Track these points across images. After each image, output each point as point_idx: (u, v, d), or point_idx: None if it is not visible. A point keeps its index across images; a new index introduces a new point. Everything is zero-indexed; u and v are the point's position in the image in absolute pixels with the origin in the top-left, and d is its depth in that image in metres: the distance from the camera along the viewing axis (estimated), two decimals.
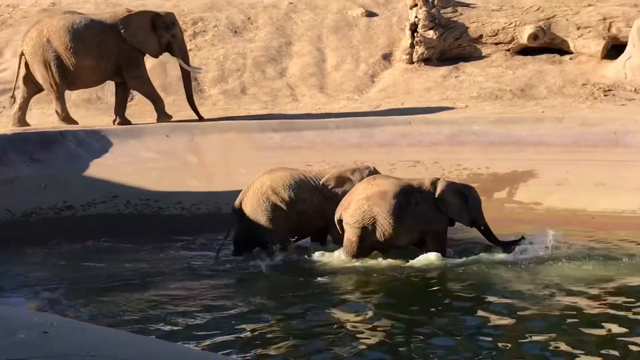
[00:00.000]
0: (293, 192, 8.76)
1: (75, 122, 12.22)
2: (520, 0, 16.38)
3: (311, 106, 13.92)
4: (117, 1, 16.56)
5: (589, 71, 14.60)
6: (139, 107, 13.24)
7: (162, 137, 11.66)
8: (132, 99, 13.80)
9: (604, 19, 14.98)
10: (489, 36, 15.52)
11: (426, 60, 15.39)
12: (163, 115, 12.45)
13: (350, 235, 8.35)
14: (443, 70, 15.11)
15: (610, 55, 14.79)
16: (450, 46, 15.57)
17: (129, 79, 12.38)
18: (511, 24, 15.39)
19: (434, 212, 8.47)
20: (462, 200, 8.55)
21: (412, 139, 11.76)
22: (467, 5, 15.99)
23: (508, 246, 8.53)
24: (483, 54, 15.54)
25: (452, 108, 13.20)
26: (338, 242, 8.74)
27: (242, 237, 8.93)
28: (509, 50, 15.47)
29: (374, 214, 8.27)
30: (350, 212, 8.34)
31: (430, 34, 15.35)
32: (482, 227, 8.69)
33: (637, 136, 11.17)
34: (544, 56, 15.29)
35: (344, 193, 8.68)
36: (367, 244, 8.41)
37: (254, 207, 8.82)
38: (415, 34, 15.36)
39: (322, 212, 8.83)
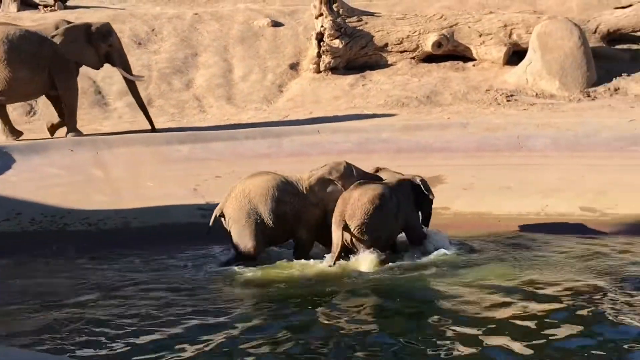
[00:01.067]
0: (276, 195, 8.61)
1: (20, 133, 12.23)
2: (424, 9, 16.67)
3: (219, 117, 13.82)
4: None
5: (492, 77, 14.92)
6: (42, 122, 12.94)
7: (67, 152, 11.39)
8: (34, 114, 13.50)
9: (505, 26, 15.34)
10: (394, 44, 15.71)
11: (333, 69, 15.50)
12: (74, 132, 12.26)
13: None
14: (350, 78, 15.23)
15: (512, 61, 15.16)
16: (356, 55, 15.71)
17: (62, 89, 12.21)
18: (415, 32, 15.61)
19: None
20: None
21: (321, 148, 11.78)
22: (372, 14, 16.16)
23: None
24: (389, 62, 15.72)
25: (363, 115, 13.30)
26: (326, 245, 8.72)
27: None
28: (414, 58, 15.70)
29: None
30: None
31: (337, 43, 15.45)
32: None
33: (539, 140, 11.44)
34: (448, 63, 15.57)
35: (331, 196, 8.65)
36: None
37: (235, 211, 8.64)
38: (321, 44, 15.44)
39: (300, 215, 8.72)
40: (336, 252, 8.35)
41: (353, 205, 8.32)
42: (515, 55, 15.19)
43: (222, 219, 8.73)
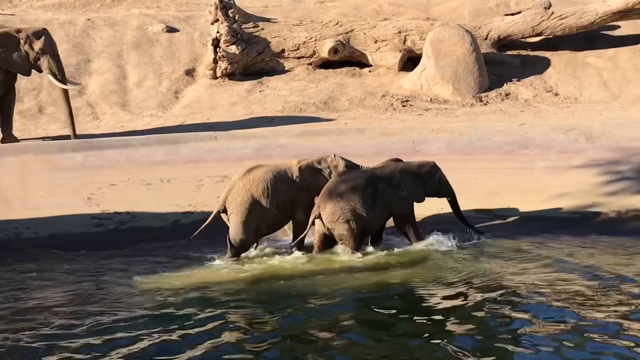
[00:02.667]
0: (275, 186, 9.00)
1: None
2: (320, 15, 16.75)
3: (113, 124, 13.55)
4: None
5: (388, 83, 15.10)
6: None
7: None
8: None
9: (399, 32, 15.55)
10: (291, 50, 15.73)
11: (230, 75, 15.40)
12: (10, 138, 12.19)
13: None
14: (247, 84, 15.16)
15: (407, 67, 15.38)
16: (253, 61, 15.66)
17: (11, 93, 12.37)
18: (312, 38, 15.67)
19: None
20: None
21: (218, 154, 11.68)
22: (269, 20, 16.14)
23: None
24: (286, 68, 15.74)
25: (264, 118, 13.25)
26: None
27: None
28: (311, 64, 15.75)
29: None
30: None
31: (233, 49, 15.36)
32: None
33: (434, 144, 11.61)
34: (344, 69, 15.69)
35: (317, 183, 9.06)
36: None
37: (239, 206, 8.92)
38: (217, 49, 15.33)
39: (295, 200, 9.08)
40: (302, 236, 8.80)
41: (324, 196, 8.74)
42: (410, 61, 15.42)
43: (224, 214, 9.02)
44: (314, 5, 17.85)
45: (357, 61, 15.82)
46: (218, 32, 15.42)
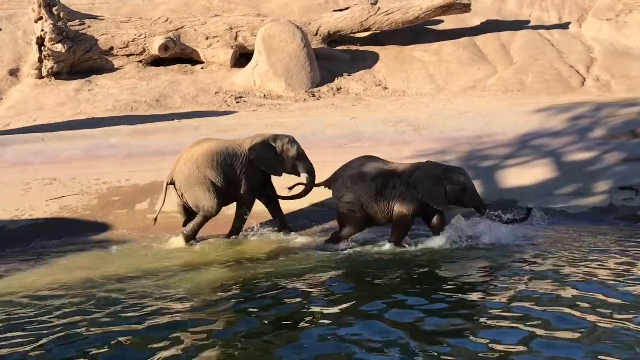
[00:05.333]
0: (221, 159, 9.02)
1: None
2: (149, 12, 16.47)
3: None
4: None
5: (221, 79, 15.03)
6: None
7: None
8: None
9: (230, 28, 15.51)
10: (120, 48, 15.38)
11: (56, 74, 14.90)
12: None
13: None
14: (75, 83, 14.70)
15: (240, 64, 15.37)
16: (80, 59, 15.20)
17: None
18: (141, 35, 15.38)
19: None
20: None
21: (46, 156, 11.27)
22: (95, 17, 15.72)
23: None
24: (116, 66, 15.38)
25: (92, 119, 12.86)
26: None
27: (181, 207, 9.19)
28: (141, 61, 15.46)
29: None
30: None
31: (59, 47, 14.86)
32: None
33: None
34: (176, 66, 15.50)
35: (268, 158, 9.15)
36: None
37: (185, 177, 8.97)
38: (42, 48, 14.79)
39: (243, 175, 9.14)
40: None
41: (336, 172, 8.87)
42: (243, 57, 15.41)
43: (173, 186, 9.04)
44: (142, 2, 17.52)
45: (189, 58, 15.66)
46: (42, 30, 14.86)
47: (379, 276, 7.62)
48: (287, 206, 9.59)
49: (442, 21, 16.85)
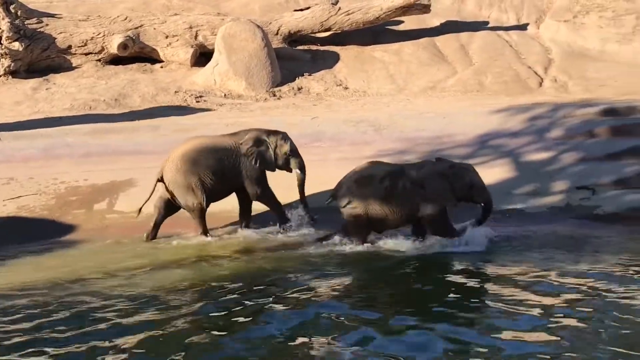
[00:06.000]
0: (209, 157, 9.15)
1: None
2: (107, 10, 16.34)
3: None
4: None
5: (180, 78, 14.94)
6: None
7: None
8: None
9: (191, 27, 15.43)
10: (79, 46, 15.23)
11: (13, 73, 14.73)
12: None
13: None
14: (32, 82, 14.52)
15: (200, 63, 15.29)
16: (38, 58, 15.03)
17: None
18: (100, 33, 15.24)
19: None
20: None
21: (3, 156, 11.15)
22: (53, 15, 15.54)
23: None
24: (74, 65, 15.23)
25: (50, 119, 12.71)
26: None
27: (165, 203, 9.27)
28: (100, 60, 15.32)
29: None
30: None
31: (16, 45, 14.68)
32: None
33: None
34: (135, 65, 15.38)
35: (260, 153, 9.23)
36: None
37: (172, 176, 9.09)
38: (0, 47, 14.60)
39: (239, 171, 9.26)
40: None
41: (343, 178, 8.77)
42: (203, 56, 15.34)
43: (163, 183, 9.17)
44: (101, 0, 17.36)
45: (148, 57, 15.55)
46: (0, 28, 14.68)
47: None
48: (256, 206, 9.60)
49: (402, 22, 16.92)
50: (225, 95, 14.48)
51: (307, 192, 9.63)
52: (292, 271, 7.83)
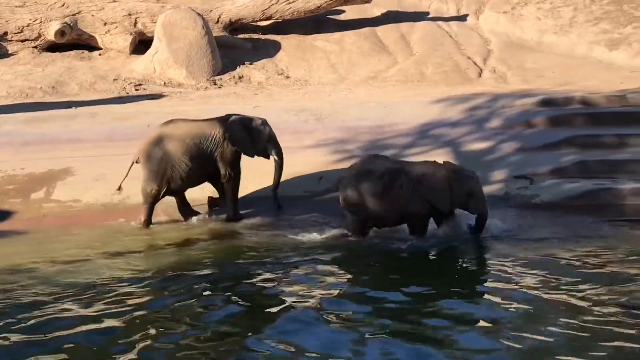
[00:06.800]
0: (188, 138, 9.07)
1: None
2: None
3: None
4: None
5: (119, 66, 14.74)
6: None
7: None
8: None
9: (130, 14, 15.24)
10: (14, 33, 14.95)
11: None
12: None
13: None
14: None
15: (140, 50, 15.10)
16: None
17: None
18: (36, 20, 14.96)
19: None
20: None
21: None
22: None
23: None
24: (10, 52, 14.95)
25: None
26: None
27: None
28: (36, 47, 15.05)
29: None
30: None
31: None
32: None
33: None
34: (73, 52, 15.14)
35: (243, 138, 9.19)
36: None
37: (148, 156, 9.04)
38: None
39: (216, 157, 9.16)
40: None
41: (345, 173, 8.64)
42: (142, 44, 15.16)
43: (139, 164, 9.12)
44: None
45: (87, 44, 15.31)
46: None
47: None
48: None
49: (343, 11, 16.93)
50: (165, 83, 14.34)
51: (249, 182, 9.60)
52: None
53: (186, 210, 9.41)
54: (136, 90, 13.96)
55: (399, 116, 11.90)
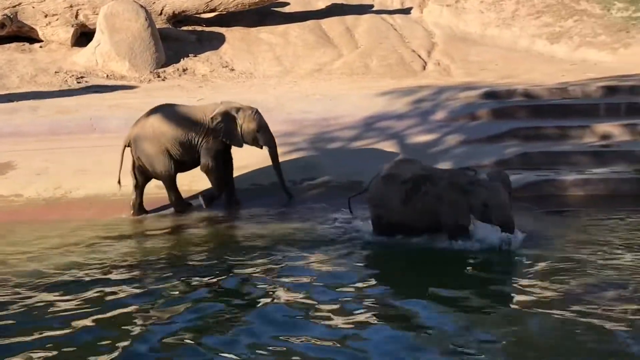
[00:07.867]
0: (179, 125, 9.10)
1: None
2: None
3: None
4: None
5: (61, 59, 14.52)
6: None
7: None
8: None
9: (71, 6, 15.01)
10: None
11: None
12: None
13: None
14: None
15: (82, 43, 14.90)
16: None
17: None
18: None
19: None
20: None
21: None
22: None
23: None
24: None
25: None
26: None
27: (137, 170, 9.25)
28: None
29: None
30: None
31: None
32: None
33: (112, 121, 11.35)
34: (13, 45, 14.88)
35: (229, 128, 9.15)
36: None
37: (141, 141, 9.08)
38: None
39: (204, 143, 9.19)
40: None
41: (374, 178, 8.14)
42: (84, 36, 14.96)
43: (129, 148, 9.16)
44: None
45: (27, 36, 15.05)
46: None
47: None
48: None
49: (288, 4, 16.91)
50: (107, 76, 14.16)
51: (196, 177, 9.55)
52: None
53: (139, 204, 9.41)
54: (78, 83, 13.77)
55: (345, 109, 11.93)
